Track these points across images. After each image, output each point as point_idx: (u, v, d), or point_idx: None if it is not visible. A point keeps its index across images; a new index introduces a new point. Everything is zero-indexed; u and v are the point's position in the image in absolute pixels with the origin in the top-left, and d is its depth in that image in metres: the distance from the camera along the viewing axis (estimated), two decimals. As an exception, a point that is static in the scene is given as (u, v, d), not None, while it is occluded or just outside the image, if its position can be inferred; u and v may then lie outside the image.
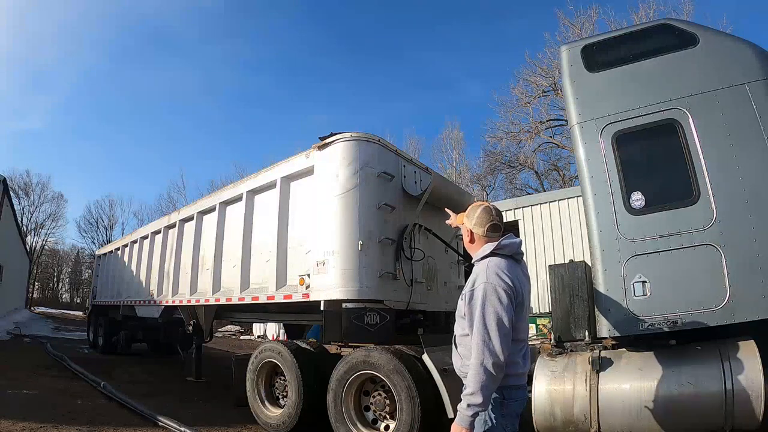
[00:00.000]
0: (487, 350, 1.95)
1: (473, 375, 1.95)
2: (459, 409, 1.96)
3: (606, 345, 3.62)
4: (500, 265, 2.10)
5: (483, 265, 2.12)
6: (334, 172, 4.78)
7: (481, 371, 1.94)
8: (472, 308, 2.05)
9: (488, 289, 2.03)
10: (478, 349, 1.96)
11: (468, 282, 2.18)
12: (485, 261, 2.13)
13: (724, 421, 2.97)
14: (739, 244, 3.17)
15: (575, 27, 20.67)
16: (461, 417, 1.95)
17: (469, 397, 1.94)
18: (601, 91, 3.79)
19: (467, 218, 2.27)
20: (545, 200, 10.71)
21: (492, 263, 2.10)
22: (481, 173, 27.26)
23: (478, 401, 1.93)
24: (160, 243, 8.63)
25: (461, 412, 1.95)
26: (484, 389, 1.93)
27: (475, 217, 2.24)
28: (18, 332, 15.80)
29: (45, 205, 41.59)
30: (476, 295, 2.05)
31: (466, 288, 2.17)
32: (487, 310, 2.01)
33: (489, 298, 2.01)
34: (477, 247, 2.24)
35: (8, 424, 4.58)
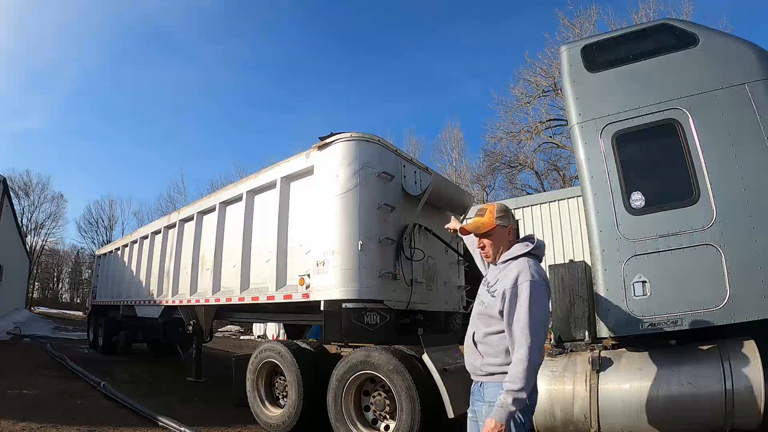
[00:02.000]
0: (536, 346, 1.98)
1: (521, 371, 1.94)
2: (501, 404, 1.94)
3: (606, 345, 3.62)
4: (537, 264, 2.19)
5: (522, 264, 2.15)
6: (334, 172, 4.78)
7: (530, 367, 1.96)
8: (517, 305, 2.05)
9: (534, 286, 2.06)
10: (526, 344, 1.97)
11: (503, 279, 2.16)
12: (523, 260, 2.17)
13: (724, 421, 2.97)
14: (739, 244, 3.17)
15: (575, 27, 20.68)
16: (502, 412, 1.94)
17: (515, 393, 1.94)
18: (601, 91, 3.79)
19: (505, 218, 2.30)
20: (545, 200, 10.71)
21: (531, 262, 2.16)
22: (481, 173, 27.27)
23: (523, 396, 1.95)
24: (160, 243, 8.63)
25: (503, 408, 1.94)
26: (529, 385, 1.96)
27: (511, 218, 2.34)
28: (18, 332, 15.80)
29: (45, 205, 41.58)
30: (522, 292, 2.06)
31: (502, 286, 2.14)
32: (535, 307, 2.04)
33: (535, 295, 2.05)
34: (504, 244, 2.28)
35: (8, 424, 4.58)
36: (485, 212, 2.34)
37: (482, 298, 2.26)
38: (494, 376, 2.12)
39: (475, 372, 2.23)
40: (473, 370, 2.24)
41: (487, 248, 2.32)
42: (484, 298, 2.24)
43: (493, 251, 2.30)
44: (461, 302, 6.19)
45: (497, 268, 2.27)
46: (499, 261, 2.28)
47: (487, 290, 2.23)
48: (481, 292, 2.31)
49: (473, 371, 2.25)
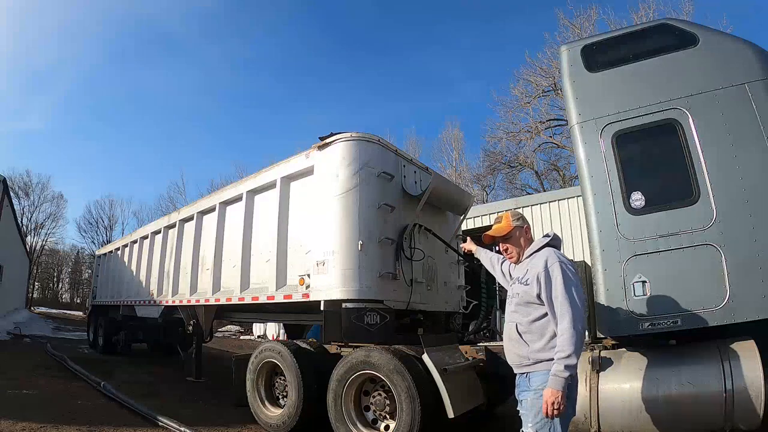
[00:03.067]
0: (578, 315, 2.20)
1: (568, 338, 2.14)
2: (555, 373, 2.13)
3: (606, 345, 3.62)
4: (560, 252, 2.48)
5: (547, 251, 2.44)
6: (334, 172, 4.78)
7: (575, 334, 2.15)
8: (553, 284, 2.29)
9: (563, 267, 2.32)
10: (569, 315, 2.19)
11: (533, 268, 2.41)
12: (546, 249, 2.47)
13: (724, 421, 2.98)
14: (739, 244, 3.17)
15: (575, 27, 20.68)
16: (558, 381, 2.12)
17: (566, 360, 2.12)
18: (601, 91, 3.79)
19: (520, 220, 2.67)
20: (545, 200, 10.72)
21: (553, 250, 2.46)
22: (481, 173, 27.29)
23: (575, 362, 2.14)
24: (160, 243, 8.63)
25: (558, 377, 2.12)
26: (578, 351, 2.15)
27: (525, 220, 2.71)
28: (18, 332, 15.81)
29: (45, 205, 41.59)
30: (554, 272, 2.31)
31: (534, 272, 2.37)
32: (569, 282, 2.28)
33: (566, 273, 2.30)
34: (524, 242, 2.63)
35: (8, 424, 4.58)
36: (501, 219, 2.68)
37: (516, 291, 2.49)
38: (541, 364, 2.28)
39: (521, 363, 2.38)
40: (519, 361, 2.39)
41: (510, 249, 2.64)
42: (518, 289, 2.46)
43: (517, 250, 2.62)
44: (461, 302, 6.19)
45: (524, 264, 2.55)
46: (523, 257, 2.58)
47: (520, 282, 2.46)
48: (514, 287, 2.53)
49: (519, 362, 2.39)
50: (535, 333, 2.34)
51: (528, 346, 2.34)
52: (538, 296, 2.33)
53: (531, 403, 2.27)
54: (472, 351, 4.41)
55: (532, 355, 2.32)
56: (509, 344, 2.47)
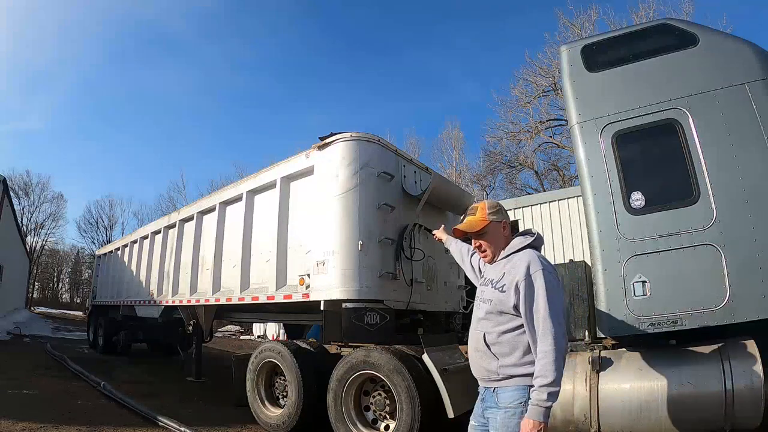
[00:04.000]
0: (561, 334, 1.89)
1: (551, 362, 1.84)
2: (537, 402, 1.84)
3: (606, 345, 3.62)
4: (543, 255, 2.12)
5: (529, 254, 2.08)
6: (334, 172, 4.78)
7: (559, 357, 1.86)
8: (534, 295, 1.96)
9: (547, 275, 1.98)
10: (551, 334, 1.88)
11: (512, 272, 2.06)
12: (528, 251, 2.11)
13: (724, 421, 2.98)
14: (739, 244, 3.17)
15: (575, 27, 20.67)
16: (540, 411, 1.83)
17: (549, 387, 1.83)
18: (600, 91, 3.79)
19: (498, 213, 2.23)
20: (545, 200, 10.70)
21: (536, 253, 2.10)
22: (481, 173, 27.24)
23: (557, 389, 1.85)
24: (160, 243, 8.63)
25: (539, 405, 1.83)
26: (560, 376, 1.86)
27: (504, 213, 2.26)
28: (18, 332, 15.80)
29: (45, 205, 41.53)
30: (536, 281, 1.97)
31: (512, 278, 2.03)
32: (554, 294, 1.96)
33: (551, 283, 1.97)
34: (501, 240, 2.21)
35: (8, 424, 4.58)
36: (476, 210, 2.25)
37: (488, 296, 2.13)
38: (512, 380, 1.99)
39: (489, 377, 2.07)
40: (487, 375, 2.08)
41: (485, 247, 2.23)
42: (491, 295, 2.11)
43: (492, 249, 2.21)
44: (461, 302, 6.19)
45: (499, 264, 2.18)
46: (499, 257, 2.19)
47: (493, 287, 2.11)
48: (485, 292, 2.17)
49: (487, 376, 2.09)
50: (505, 346, 2.03)
51: (497, 360, 2.03)
52: (514, 307, 2.00)
53: (503, 423, 1.98)
54: (472, 351, 4.41)
55: (502, 370, 2.02)
56: (475, 355, 2.15)
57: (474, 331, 2.17)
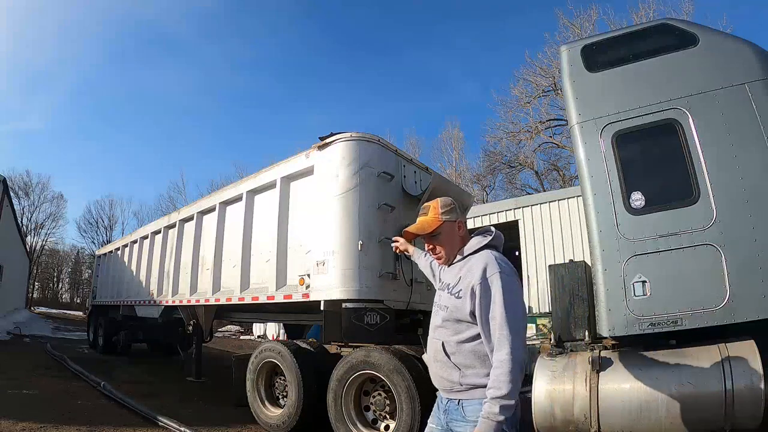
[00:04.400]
0: (519, 343, 1.74)
1: (506, 372, 1.69)
2: (487, 414, 1.67)
3: (606, 345, 3.62)
4: (502, 256, 1.96)
5: (486, 256, 1.92)
6: (334, 172, 4.78)
7: (516, 367, 1.70)
8: (492, 301, 1.79)
9: (506, 277, 1.82)
10: (507, 343, 1.72)
11: (468, 276, 1.90)
12: (485, 252, 1.94)
13: (724, 421, 2.97)
14: (739, 244, 3.17)
15: (575, 27, 20.68)
16: (489, 425, 1.65)
17: (501, 400, 1.66)
18: (600, 91, 3.79)
19: (452, 213, 2.05)
20: (545, 200, 10.72)
21: (494, 254, 1.93)
22: (481, 173, 27.30)
23: (511, 403, 1.68)
24: (160, 243, 8.63)
25: (489, 419, 1.66)
26: (516, 389, 1.70)
27: (459, 211, 2.09)
28: (18, 332, 15.80)
29: (45, 205, 41.55)
30: (493, 284, 1.81)
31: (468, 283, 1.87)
32: (511, 299, 1.79)
33: (509, 286, 1.81)
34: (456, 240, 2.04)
35: (8, 424, 4.58)
36: (428, 210, 2.07)
37: (444, 303, 1.97)
38: (478, 390, 1.82)
39: (452, 388, 1.90)
40: (450, 387, 1.91)
41: (438, 249, 2.05)
42: (447, 302, 1.94)
43: (446, 251, 2.03)
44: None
45: (455, 267, 2.01)
46: (455, 260, 2.02)
47: (449, 293, 1.94)
48: (441, 297, 2.01)
49: (449, 387, 1.91)
50: (467, 355, 1.87)
51: (459, 370, 1.87)
52: (471, 314, 1.84)
53: None
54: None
55: (466, 380, 1.85)
56: (435, 366, 1.96)
57: (432, 340, 2.00)
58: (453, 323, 1.91)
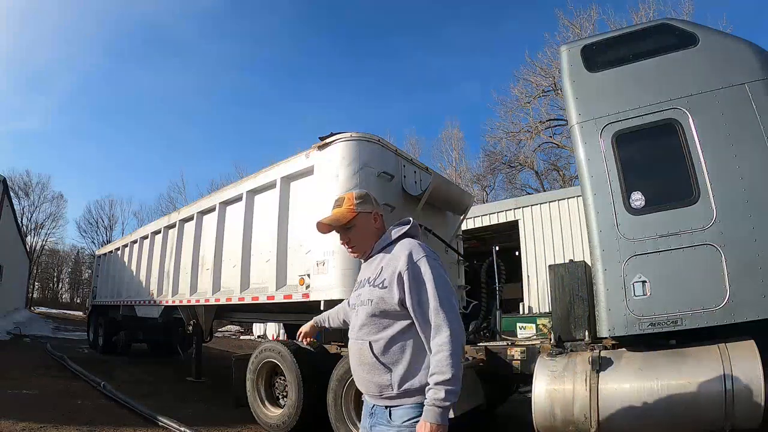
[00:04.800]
0: (456, 325, 1.66)
1: (448, 356, 1.60)
2: (434, 402, 1.58)
3: (606, 345, 3.62)
4: (423, 243, 1.88)
5: (408, 243, 1.84)
6: (334, 172, 4.78)
7: (458, 350, 1.63)
8: (420, 286, 1.70)
9: (432, 263, 1.75)
10: (446, 325, 1.64)
11: (391, 265, 1.79)
12: (406, 240, 1.87)
13: (724, 421, 2.97)
14: (739, 244, 3.17)
15: (575, 27, 20.69)
16: (437, 412, 1.58)
17: (447, 384, 1.58)
18: (600, 91, 3.79)
19: (367, 204, 1.97)
20: (545, 200, 10.72)
21: (416, 241, 1.87)
22: (481, 173, 27.34)
23: (457, 388, 1.60)
24: (160, 243, 8.62)
25: (436, 405, 1.58)
26: (459, 371, 1.61)
27: (374, 202, 2.02)
28: (18, 332, 15.81)
29: (45, 205, 41.61)
30: (423, 270, 1.72)
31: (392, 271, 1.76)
32: (443, 282, 1.72)
33: (437, 270, 1.74)
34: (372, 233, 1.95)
35: (8, 424, 4.58)
36: (343, 201, 1.97)
37: (366, 297, 1.81)
38: (412, 396, 1.70)
39: (382, 393, 1.74)
40: (379, 391, 1.75)
41: (353, 242, 1.94)
42: (370, 295, 1.79)
43: (362, 243, 1.94)
44: (461, 302, 6.19)
45: (374, 260, 1.89)
46: (373, 251, 1.91)
47: (372, 286, 1.80)
48: (362, 293, 1.85)
49: (379, 392, 1.75)
50: (398, 353, 1.72)
51: (390, 372, 1.72)
52: (400, 303, 1.72)
53: None
54: (472, 351, 4.41)
55: (400, 383, 1.70)
56: (361, 370, 1.80)
57: (356, 342, 1.83)
58: (379, 318, 1.77)
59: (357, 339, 1.83)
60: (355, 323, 1.88)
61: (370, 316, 1.79)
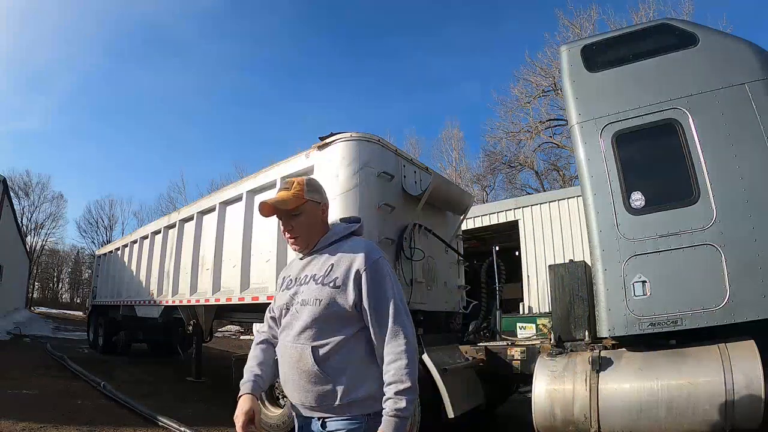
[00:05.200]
0: (411, 331, 1.58)
1: (406, 364, 1.52)
2: (393, 412, 1.46)
3: (606, 345, 3.62)
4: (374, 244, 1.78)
5: (363, 242, 1.71)
6: (334, 172, 4.77)
7: (414, 357, 1.54)
8: (380, 288, 1.58)
9: (388, 265, 1.65)
10: (402, 331, 1.54)
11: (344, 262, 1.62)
12: (358, 238, 1.75)
13: (724, 421, 2.97)
14: (739, 244, 3.17)
15: (575, 27, 20.69)
16: (398, 423, 1.46)
17: (407, 394, 1.49)
18: (600, 91, 3.79)
19: (317, 193, 1.76)
20: (545, 200, 10.72)
21: (370, 242, 1.76)
22: (481, 173, 27.34)
23: (416, 396, 1.52)
24: (160, 243, 8.62)
25: (398, 416, 1.46)
26: (416, 379, 1.54)
27: (324, 193, 1.81)
28: (18, 332, 15.81)
29: (45, 205, 41.57)
30: (382, 271, 1.59)
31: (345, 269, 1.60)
32: (398, 287, 1.63)
33: (393, 274, 1.65)
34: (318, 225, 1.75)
35: (8, 424, 4.58)
36: (291, 185, 1.75)
37: (314, 296, 1.59)
38: (354, 406, 1.55)
39: (321, 403, 1.55)
40: (318, 402, 1.55)
41: (297, 231, 1.72)
42: (319, 294, 1.58)
43: (306, 235, 1.72)
44: (461, 302, 6.19)
45: (319, 257, 1.69)
46: (318, 246, 1.71)
47: (320, 284, 1.61)
48: (305, 290, 1.63)
49: (318, 403, 1.56)
50: (344, 361, 1.55)
51: (333, 381, 1.53)
52: (354, 305, 1.56)
53: None
54: (472, 351, 4.41)
55: (344, 395, 1.53)
56: (299, 378, 1.57)
57: (295, 346, 1.59)
58: (327, 321, 1.57)
59: (296, 344, 1.59)
60: (293, 325, 1.62)
61: (315, 319, 1.57)
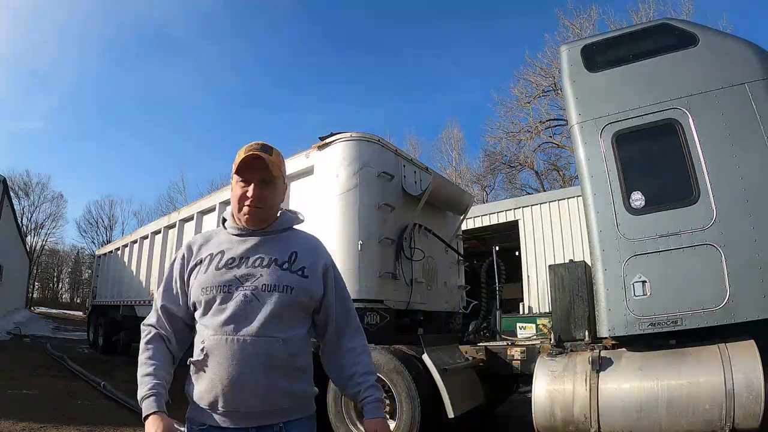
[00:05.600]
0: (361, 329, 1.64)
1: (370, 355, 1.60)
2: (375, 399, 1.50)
3: (606, 345, 3.62)
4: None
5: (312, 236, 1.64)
6: (334, 172, 4.78)
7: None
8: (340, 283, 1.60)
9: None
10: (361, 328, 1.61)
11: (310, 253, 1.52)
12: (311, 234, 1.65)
13: (724, 421, 2.97)
14: (739, 243, 3.17)
15: (575, 27, 20.69)
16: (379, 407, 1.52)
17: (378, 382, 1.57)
18: (600, 91, 3.79)
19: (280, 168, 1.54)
20: (545, 200, 10.71)
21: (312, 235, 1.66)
22: (481, 173, 27.34)
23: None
24: (160, 243, 8.63)
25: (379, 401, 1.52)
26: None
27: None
28: (18, 332, 15.81)
29: (45, 205, 41.58)
30: (335, 268, 1.62)
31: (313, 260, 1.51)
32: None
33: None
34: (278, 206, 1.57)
35: (8, 424, 4.58)
36: (272, 152, 1.51)
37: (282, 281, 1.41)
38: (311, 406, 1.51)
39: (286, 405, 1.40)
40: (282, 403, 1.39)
41: (265, 202, 1.48)
42: (288, 281, 1.42)
43: (270, 210, 1.52)
44: (461, 302, 6.19)
45: (275, 239, 1.51)
46: (273, 226, 1.53)
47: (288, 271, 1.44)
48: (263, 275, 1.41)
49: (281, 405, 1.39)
50: (308, 355, 1.47)
51: (304, 378, 1.46)
52: (319, 299, 1.49)
53: None
54: (472, 351, 4.41)
55: (310, 391, 1.49)
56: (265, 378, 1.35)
57: (262, 340, 1.36)
58: (294, 311, 1.44)
59: (263, 336, 1.36)
60: (248, 315, 1.37)
61: (285, 308, 1.40)
